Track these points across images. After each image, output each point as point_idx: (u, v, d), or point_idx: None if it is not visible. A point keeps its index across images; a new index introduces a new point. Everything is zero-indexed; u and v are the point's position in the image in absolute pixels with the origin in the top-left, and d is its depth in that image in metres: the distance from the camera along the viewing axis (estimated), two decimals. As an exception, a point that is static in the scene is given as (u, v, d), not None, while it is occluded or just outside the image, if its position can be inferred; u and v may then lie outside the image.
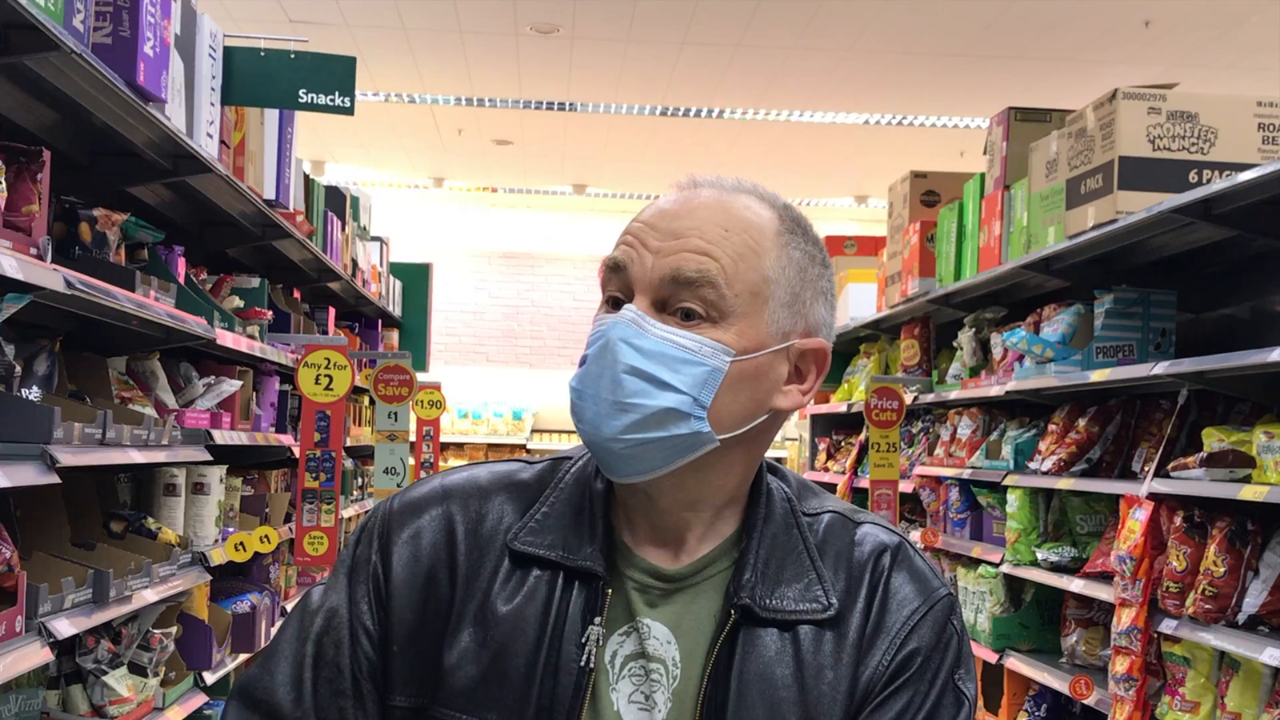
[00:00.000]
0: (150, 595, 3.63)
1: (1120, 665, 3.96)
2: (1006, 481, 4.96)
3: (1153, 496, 3.90)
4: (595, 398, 1.36)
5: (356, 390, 7.31)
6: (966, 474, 5.42)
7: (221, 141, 4.39)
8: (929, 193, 6.48)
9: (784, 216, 1.44)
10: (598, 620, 1.39)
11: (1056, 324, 4.68)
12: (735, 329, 1.37)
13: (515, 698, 1.37)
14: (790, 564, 1.44)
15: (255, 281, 5.19)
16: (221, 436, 4.30)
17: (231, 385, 4.62)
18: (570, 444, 14.40)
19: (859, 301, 7.44)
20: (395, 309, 9.34)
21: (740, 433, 1.40)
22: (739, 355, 1.37)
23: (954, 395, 5.72)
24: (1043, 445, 4.76)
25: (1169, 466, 3.86)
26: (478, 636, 1.39)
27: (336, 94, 4.57)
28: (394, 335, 9.24)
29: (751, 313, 1.38)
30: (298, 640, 1.44)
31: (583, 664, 1.38)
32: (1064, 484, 4.49)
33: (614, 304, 1.41)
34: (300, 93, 4.54)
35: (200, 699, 4.15)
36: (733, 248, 1.37)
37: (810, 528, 1.48)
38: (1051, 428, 4.77)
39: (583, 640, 1.38)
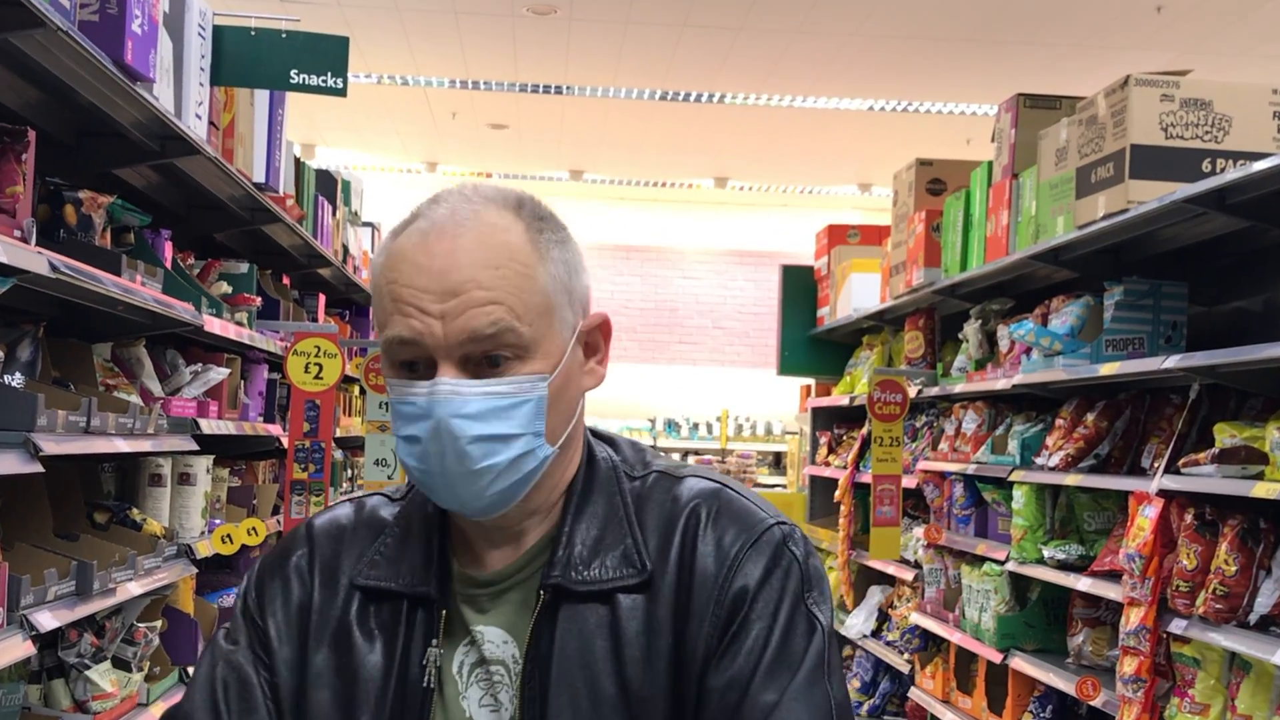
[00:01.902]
0: (135, 588, 3.62)
1: (1128, 666, 3.96)
2: (1012, 477, 4.96)
3: (1163, 493, 3.90)
4: (445, 474, 1.44)
5: (347, 379, 7.30)
6: (971, 469, 5.42)
7: (210, 123, 4.38)
8: (935, 181, 6.47)
9: (526, 216, 1.48)
10: (435, 642, 1.49)
11: (1065, 316, 4.68)
12: (540, 353, 1.45)
13: None
14: (610, 532, 1.50)
15: (244, 267, 5.18)
16: (208, 426, 4.30)
17: (219, 373, 4.62)
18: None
19: (862, 292, 7.43)
20: (387, 296, 9.30)
21: (567, 432, 1.50)
22: (551, 375, 1.45)
23: (959, 388, 5.72)
24: (1050, 440, 4.76)
25: (1179, 463, 3.86)
26: (333, 666, 1.51)
27: (329, 75, 4.56)
28: (385, 323, 9.21)
29: (547, 331, 1.45)
30: (209, 672, 1.56)
31: (425, 685, 1.48)
32: (1071, 480, 4.49)
33: (410, 367, 1.45)
34: (291, 73, 4.53)
35: (185, 694, 4.14)
36: (510, 284, 1.42)
37: (633, 492, 1.54)
38: (1059, 422, 4.77)
39: (424, 663, 1.49)
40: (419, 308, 1.41)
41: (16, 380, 3.24)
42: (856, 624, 7.12)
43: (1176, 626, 3.77)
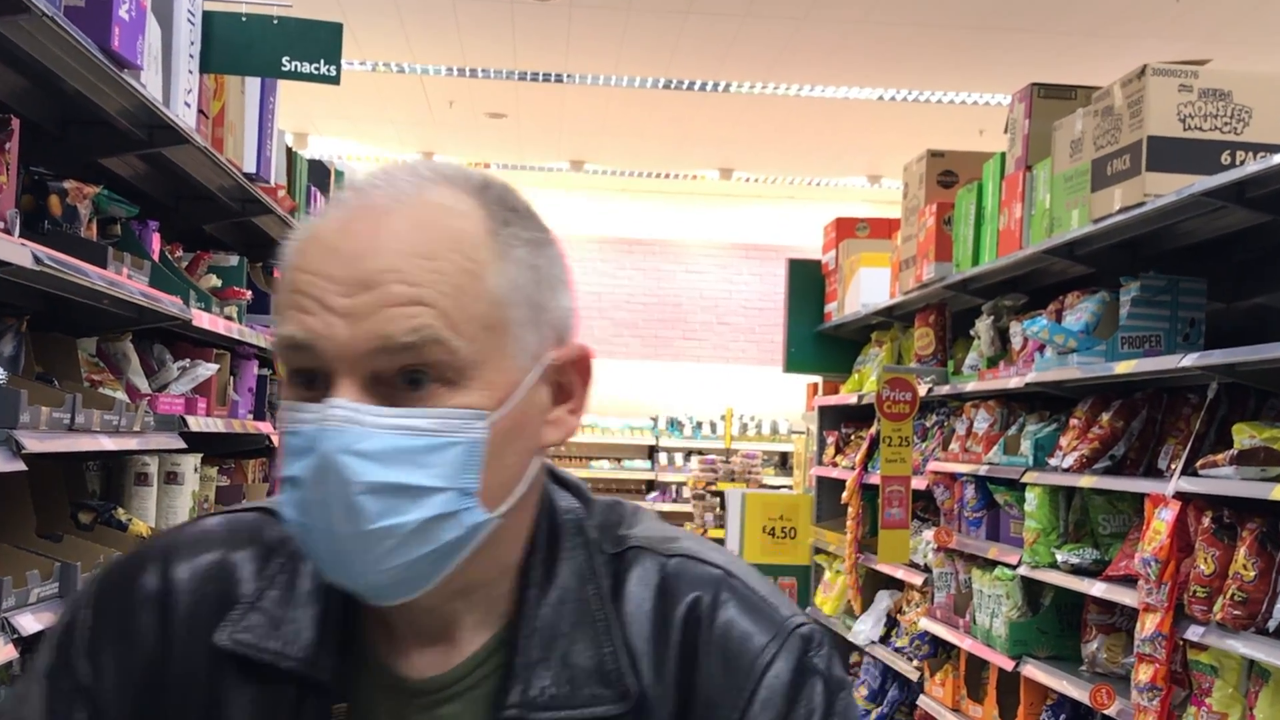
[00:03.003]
0: (120, 590, 3.62)
1: (1144, 674, 3.96)
2: (1025, 479, 4.96)
3: (1179, 496, 3.90)
4: (329, 534, 1.09)
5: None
6: (983, 470, 5.42)
7: (200, 111, 4.38)
8: (946, 173, 6.47)
9: (490, 201, 1.17)
10: None
11: (1079, 312, 4.67)
12: (480, 382, 1.11)
13: None
14: (582, 634, 1.18)
15: (234, 259, 5.18)
16: (196, 423, 4.30)
17: (208, 369, 4.62)
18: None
19: (871, 287, 7.43)
20: (381, 290, 9.32)
21: (518, 496, 1.17)
22: (494, 412, 1.12)
23: (970, 387, 5.72)
24: (1064, 440, 4.75)
25: (1197, 464, 3.85)
26: None
27: (321, 62, 4.56)
28: (379, 318, 9.23)
29: (493, 353, 1.12)
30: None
31: None
32: (1086, 482, 4.49)
33: (307, 381, 1.12)
34: (283, 61, 4.53)
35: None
36: (447, 281, 1.10)
37: (612, 572, 1.22)
38: (1073, 422, 4.76)
39: None
40: (320, 301, 1.09)
41: (-1, 376, 3.24)
42: (864, 630, 7.12)
43: (1193, 633, 3.77)
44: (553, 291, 1.18)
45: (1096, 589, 4.42)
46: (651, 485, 14.71)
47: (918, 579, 6.32)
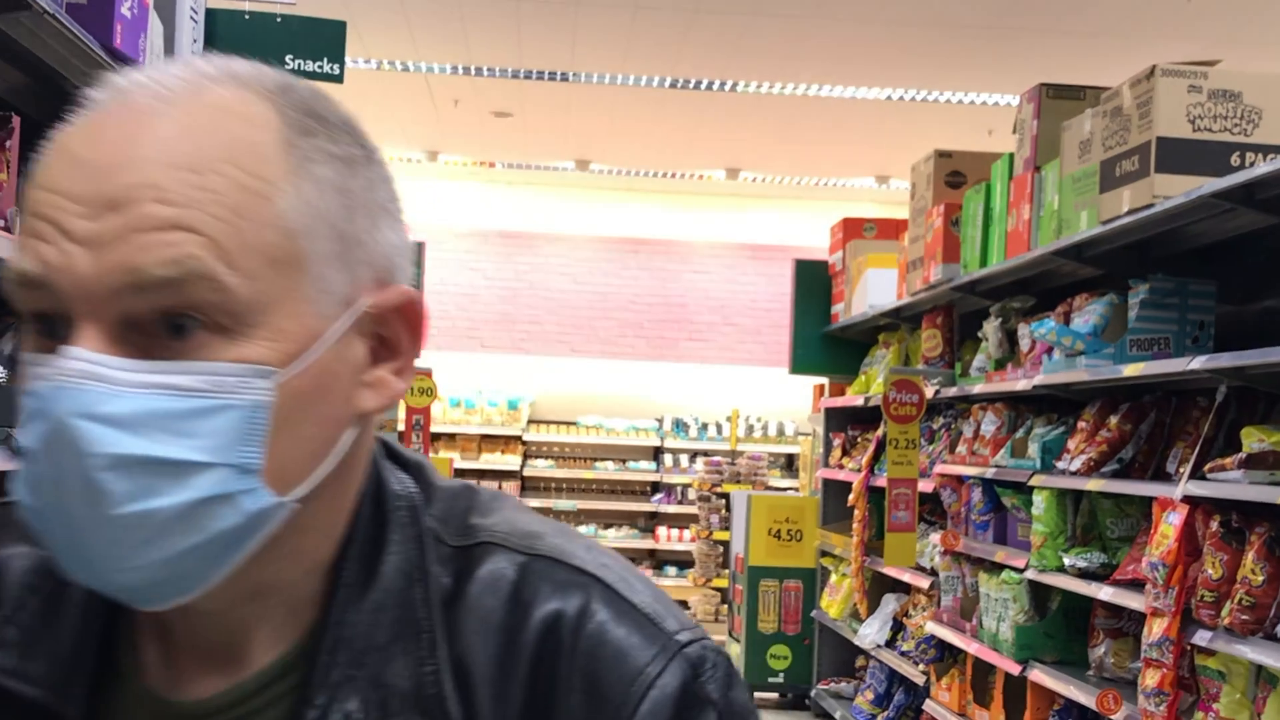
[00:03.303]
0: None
1: (1151, 679, 3.96)
2: (1033, 482, 4.96)
3: (1188, 499, 3.90)
4: (65, 520, 0.86)
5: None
6: (990, 473, 5.42)
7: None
8: (954, 173, 6.47)
9: (290, 106, 0.93)
10: None
11: (1088, 315, 4.68)
12: (265, 331, 0.88)
13: None
14: (402, 648, 0.95)
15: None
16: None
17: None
18: (572, 437, 14.20)
19: (878, 288, 7.44)
20: (385, 290, 9.34)
21: (322, 476, 0.93)
22: (284, 370, 0.88)
23: (978, 389, 5.72)
24: (1071, 444, 4.76)
25: (1205, 468, 3.85)
26: None
27: (325, 60, 4.57)
28: (383, 318, 9.24)
29: (283, 295, 0.89)
30: None
31: None
32: (1094, 485, 4.49)
33: (48, 329, 0.89)
34: (287, 59, 4.54)
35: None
36: (219, 202, 0.87)
37: (453, 571, 0.98)
38: (1081, 425, 4.76)
39: None
40: (57, 225, 0.86)
41: (0, 374, 3.25)
42: (870, 633, 7.12)
43: (1201, 638, 3.77)
44: (371, 221, 0.95)
45: (1104, 593, 4.42)
46: (656, 487, 14.70)
47: (924, 582, 6.32)
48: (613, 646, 0.95)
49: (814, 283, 8.65)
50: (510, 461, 14.37)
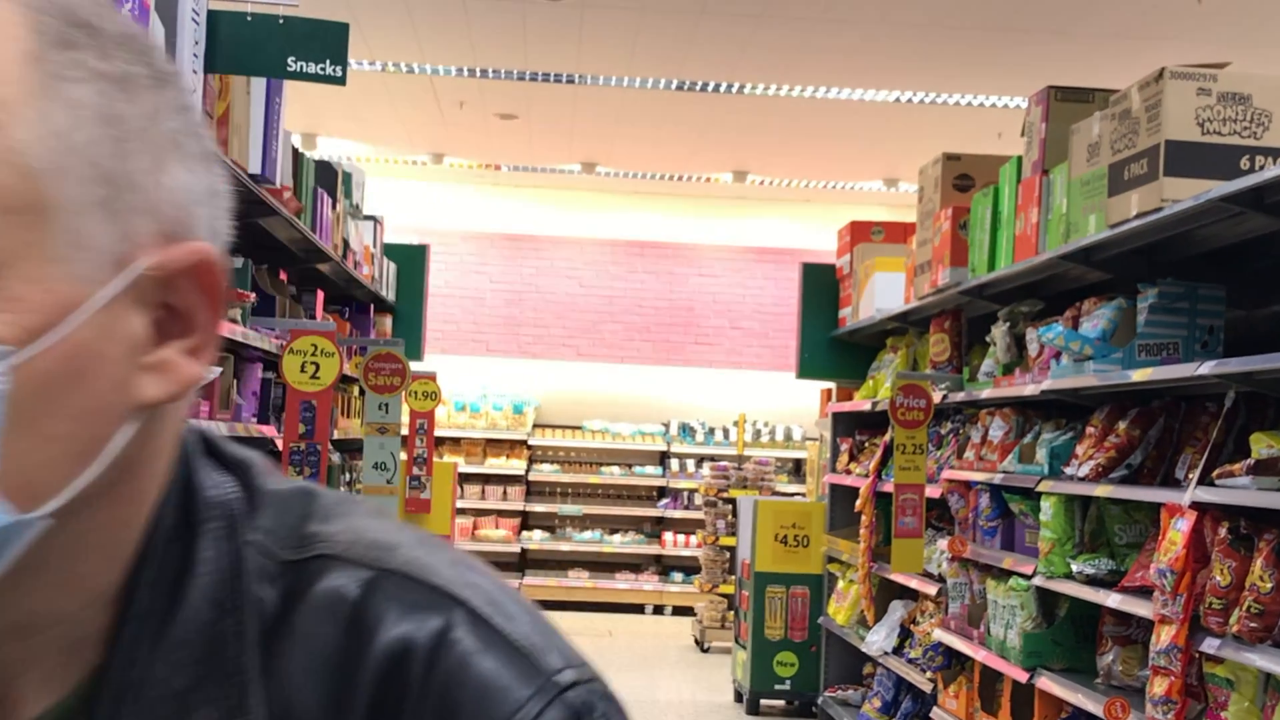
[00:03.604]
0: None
1: (1159, 687, 3.95)
2: (1040, 488, 4.95)
3: (1196, 506, 3.89)
4: None
5: (345, 379, 7.32)
6: (998, 479, 5.42)
7: (204, 112, 4.39)
8: (962, 176, 6.47)
9: (43, 9, 0.73)
10: None
11: (1096, 319, 4.67)
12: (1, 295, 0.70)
13: None
14: (207, 695, 0.77)
15: (238, 262, 5.19)
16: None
17: (211, 372, 4.63)
18: (578, 441, 14.23)
19: (886, 292, 7.43)
20: (389, 293, 9.35)
21: (85, 484, 0.74)
22: (21, 349, 0.70)
23: (986, 394, 5.71)
24: (1080, 449, 4.75)
25: (1214, 474, 3.85)
26: None
27: (328, 62, 4.57)
28: (387, 321, 9.26)
29: (22, 251, 0.70)
30: None
31: None
32: (1102, 491, 4.48)
33: None
34: (289, 61, 4.54)
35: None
36: None
37: (281, 593, 0.80)
38: (1089, 430, 4.76)
39: None
40: None
41: None
42: (877, 640, 7.11)
43: (1209, 646, 3.76)
44: (154, 160, 0.75)
45: (1112, 600, 4.41)
46: (663, 491, 14.70)
47: (932, 589, 6.32)
48: (475, 684, 0.76)
49: (821, 286, 8.65)
50: (515, 466, 14.37)
